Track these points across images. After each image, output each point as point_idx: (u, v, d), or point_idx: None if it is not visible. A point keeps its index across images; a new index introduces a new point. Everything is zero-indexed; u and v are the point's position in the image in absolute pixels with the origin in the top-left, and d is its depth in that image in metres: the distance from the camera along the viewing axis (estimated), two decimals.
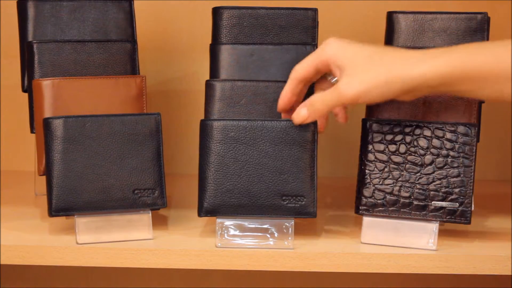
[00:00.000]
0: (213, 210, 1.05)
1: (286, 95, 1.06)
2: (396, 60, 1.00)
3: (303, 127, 1.05)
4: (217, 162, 1.04)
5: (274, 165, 1.04)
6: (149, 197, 1.06)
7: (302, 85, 1.06)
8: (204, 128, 1.06)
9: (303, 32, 1.19)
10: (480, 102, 1.14)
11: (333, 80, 1.04)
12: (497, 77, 0.98)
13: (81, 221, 1.04)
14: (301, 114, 1.04)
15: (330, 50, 1.02)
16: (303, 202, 1.05)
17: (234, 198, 1.04)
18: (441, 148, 1.05)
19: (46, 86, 1.12)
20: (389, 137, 1.06)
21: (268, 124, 1.05)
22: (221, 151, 1.05)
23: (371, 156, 1.06)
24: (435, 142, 1.05)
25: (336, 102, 1.01)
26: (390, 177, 1.05)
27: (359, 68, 1.00)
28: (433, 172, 1.05)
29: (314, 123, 1.05)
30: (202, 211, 1.05)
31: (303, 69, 1.05)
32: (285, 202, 1.04)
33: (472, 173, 1.04)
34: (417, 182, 1.05)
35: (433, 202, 1.04)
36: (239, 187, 1.04)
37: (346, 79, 1.00)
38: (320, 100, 1.02)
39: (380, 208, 1.05)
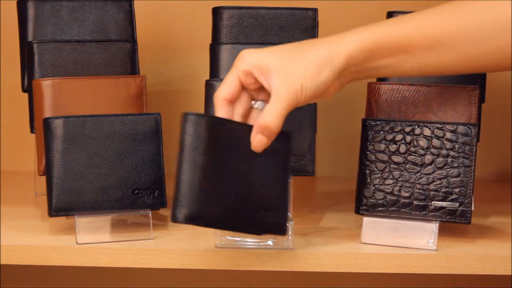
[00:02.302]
0: (193, 217, 0.93)
1: None
2: (320, 44, 0.97)
3: (277, 137, 0.96)
4: (192, 161, 0.93)
5: (249, 176, 0.95)
6: (149, 197, 1.06)
7: (232, 106, 0.97)
8: (185, 121, 0.93)
9: (303, 32, 1.19)
10: (480, 102, 1.14)
11: (256, 105, 0.98)
12: (417, 47, 0.98)
13: (81, 221, 1.04)
14: (259, 140, 0.96)
15: (250, 59, 0.96)
16: (277, 219, 0.97)
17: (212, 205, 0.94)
18: (441, 148, 1.05)
19: (46, 86, 1.12)
20: (389, 137, 1.06)
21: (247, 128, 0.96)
22: (197, 150, 0.93)
23: (371, 156, 1.06)
24: (435, 142, 1.05)
25: (285, 107, 0.94)
26: (390, 177, 1.05)
27: (287, 64, 0.95)
28: (433, 172, 1.05)
29: (289, 133, 0.98)
30: (178, 218, 0.92)
31: (227, 88, 0.97)
32: (259, 216, 0.96)
33: (472, 173, 1.04)
34: (417, 182, 1.05)
35: (433, 202, 1.04)
36: (212, 192, 0.93)
37: (279, 81, 0.95)
38: (270, 115, 0.94)
39: (380, 208, 1.05)
